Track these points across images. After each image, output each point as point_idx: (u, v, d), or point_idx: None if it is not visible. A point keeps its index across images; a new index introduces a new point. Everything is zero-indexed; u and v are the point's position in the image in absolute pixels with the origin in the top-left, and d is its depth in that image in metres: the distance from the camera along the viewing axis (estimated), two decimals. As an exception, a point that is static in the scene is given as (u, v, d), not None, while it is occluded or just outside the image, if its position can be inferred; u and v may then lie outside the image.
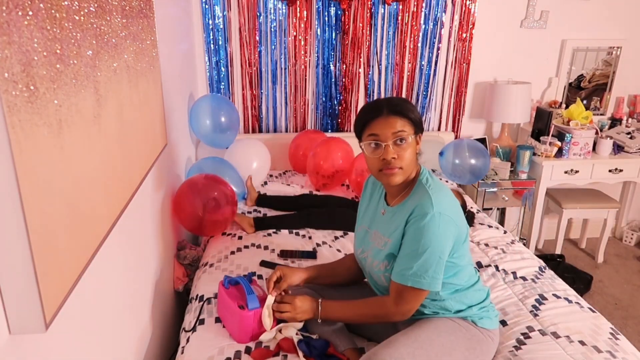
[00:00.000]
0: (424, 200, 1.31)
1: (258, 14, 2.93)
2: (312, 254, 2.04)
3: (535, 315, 1.64)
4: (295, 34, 3.00)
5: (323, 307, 1.44)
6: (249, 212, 2.48)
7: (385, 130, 1.33)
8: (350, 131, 3.25)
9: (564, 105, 3.29)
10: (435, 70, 3.18)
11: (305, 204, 2.47)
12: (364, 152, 1.39)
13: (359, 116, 1.40)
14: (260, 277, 1.85)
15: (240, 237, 2.18)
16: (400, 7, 3.01)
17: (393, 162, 1.33)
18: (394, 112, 1.34)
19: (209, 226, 2.10)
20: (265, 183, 2.84)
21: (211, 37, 2.94)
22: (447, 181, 2.95)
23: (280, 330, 1.49)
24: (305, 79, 3.11)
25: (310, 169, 2.72)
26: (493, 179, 3.01)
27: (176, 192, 2.11)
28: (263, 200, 2.53)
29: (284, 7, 2.94)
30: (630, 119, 3.28)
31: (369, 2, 2.97)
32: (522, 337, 1.52)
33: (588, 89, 3.40)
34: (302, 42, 3.01)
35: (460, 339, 1.35)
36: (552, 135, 3.01)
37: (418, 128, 1.37)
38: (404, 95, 3.21)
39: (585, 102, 3.32)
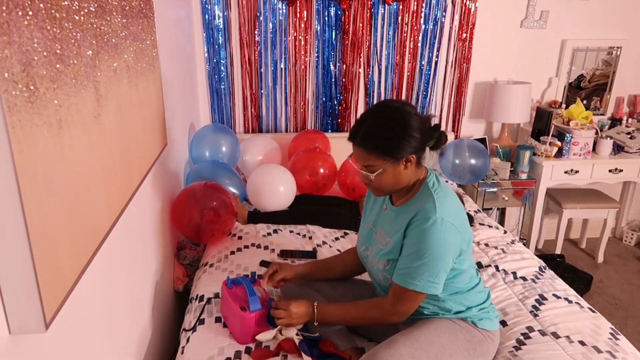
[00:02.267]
0: (428, 204, 1.30)
1: (258, 14, 2.93)
2: (312, 254, 2.04)
3: (535, 315, 1.64)
4: (295, 34, 3.00)
5: (319, 311, 1.44)
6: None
7: (358, 158, 1.35)
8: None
9: (564, 105, 3.29)
10: (435, 70, 3.18)
11: (302, 210, 2.44)
12: None
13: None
14: (260, 277, 1.85)
15: (240, 237, 2.18)
16: (400, 7, 3.01)
17: (368, 185, 1.37)
18: (363, 144, 1.31)
19: (207, 235, 2.07)
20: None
21: (211, 37, 2.94)
22: (447, 181, 2.95)
23: (280, 331, 1.49)
24: (305, 79, 3.11)
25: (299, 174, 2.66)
26: (493, 179, 3.01)
27: (174, 200, 2.08)
28: (255, 217, 2.38)
29: (284, 7, 2.94)
30: (630, 119, 3.28)
31: (369, 2, 2.97)
32: (522, 338, 1.52)
33: (588, 89, 3.40)
34: (302, 42, 3.01)
35: (461, 339, 1.35)
36: (552, 135, 3.01)
37: (396, 155, 1.29)
38: (403, 96, 3.21)
39: (585, 102, 3.32)
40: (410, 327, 1.38)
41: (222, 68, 3.01)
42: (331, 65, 3.09)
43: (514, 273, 1.91)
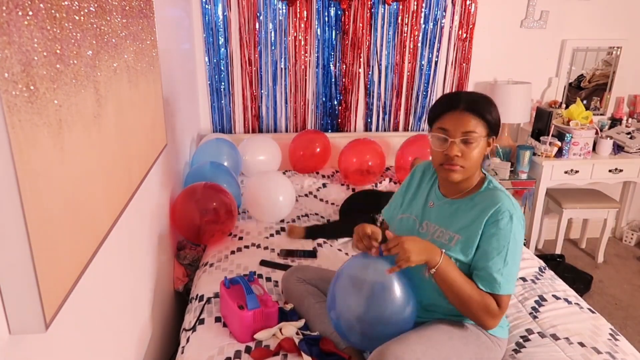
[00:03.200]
0: (505, 201, 1.29)
1: (258, 14, 2.93)
2: (312, 254, 2.04)
3: (535, 317, 1.64)
4: (295, 34, 3.00)
5: (445, 258, 1.27)
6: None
7: (456, 126, 1.30)
8: (350, 131, 3.25)
9: (564, 105, 3.29)
10: (435, 70, 3.18)
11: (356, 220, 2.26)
12: (430, 142, 1.36)
13: (435, 105, 1.37)
14: (260, 276, 1.85)
15: (240, 238, 2.18)
16: (400, 7, 3.01)
17: (456, 160, 1.30)
18: (470, 109, 1.30)
19: (207, 236, 2.07)
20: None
21: (211, 37, 2.94)
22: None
23: (280, 330, 1.49)
24: (305, 79, 3.11)
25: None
26: (493, 179, 3.01)
27: (174, 201, 2.07)
28: (313, 232, 2.21)
29: (284, 7, 2.94)
30: (630, 119, 3.28)
31: (369, 2, 2.97)
32: (521, 340, 1.52)
33: (588, 89, 3.40)
34: (302, 42, 3.01)
35: (471, 344, 1.34)
36: (552, 135, 3.01)
37: (492, 131, 1.33)
38: (403, 96, 3.22)
39: (585, 102, 3.32)
40: (422, 327, 1.36)
41: (222, 68, 3.01)
42: (331, 65, 3.09)
43: (514, 273, 1.91)
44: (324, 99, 3.17)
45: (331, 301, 1.37)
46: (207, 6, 2.88)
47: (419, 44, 3.11)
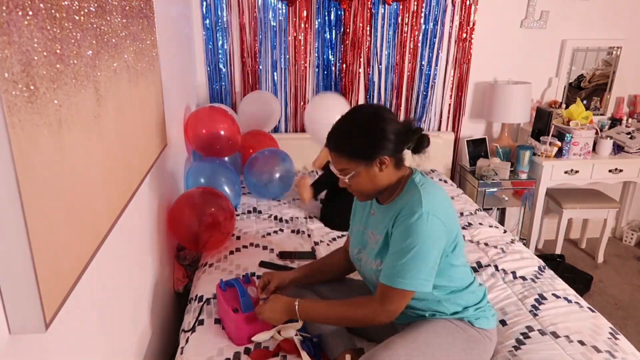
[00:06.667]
0: (414, 199, 1.30)
1: (258, 14, 2.93)
2: (311, 254, 2.04)
3: (535, 315, 1.64)
4: (295, 34, 3.00)
5: (301, 308, 1.39)
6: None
7: (332, 162, 1.36)
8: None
9: (564, 105, 3.29)
10: (435, 70, 3.18)
11: None
12: None
13: None
14: (259, 277, 1.85)
15: (238, 238, 2.18)
16: (401, 7, 3.01)
17: (349, 189, 1.38)
18: (333, 147, 1.33)
19: (203, 244, 2.03)
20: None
21: (211, 37, 2.94)
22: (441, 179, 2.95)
23: (279, 332, 1.49)
24: (305, 79, 3.11)
25: None
26: (493, 179, 3.01)
27: (170, 208, 2.04)
28: (318, 188, 2.45)
29: (284, 7, 2.94)
30: (630, 119, 3.28)
31: (369, 2, 2.97)
32: (521, 337, 1.52)
33: (588, 89, 3.40)
34: (302, 42, 3.01)
35: (458, 339, 1.35)
36: (552, 135, 3.01)
37: (367, 159, 1.30)
38: (403, 96, 3.21)
39: (585, 102, 3.32)
40: (408, 329, 1.37)
41: (222, 68, 3.01)
42: (331, 65, 3.09)
43: (514, 273, 1.91)
44: (324, 99, 3.16)
45: None
46: (207, 6, 2.88)
47: (419, 44, 3.11)
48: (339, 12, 2.99)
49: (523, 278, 1.88)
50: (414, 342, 1.30)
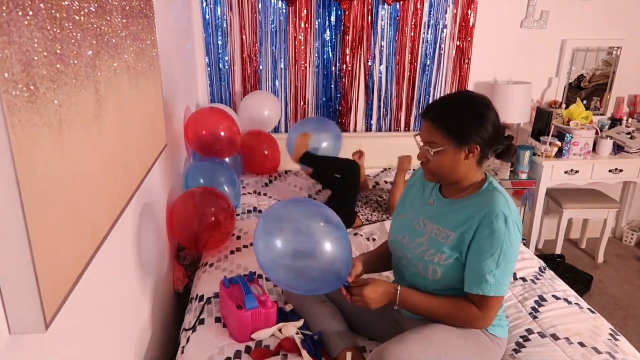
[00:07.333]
0: (499, 203, 1.29)
1: (258, 14, 2.93)
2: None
3: (535, 317, 1.64)
4: (295, 34, 3.00)
5: (402, 294, 1.36)
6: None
7: (423, 135, 1.36)
8: (350, 131, 3.25)
9: (564, 105, 3.29)
10: (435, 71, 3.18)
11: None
12: None
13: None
14: (260, 276, 1.85)
15: (239, 237, 2.18)
16: (400, 7, 3.01)
17: (424, 164, 1.37)
18: (434, 119, 1.32)
19: (203, 243, 2.03)
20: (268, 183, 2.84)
21: (211, 37, 2.94)
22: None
23: (280, 330, 1.49)
24: (305, 79, 3.11)
25: None
26: (493, 179, 3.01)
27: (170, 208, 2.04)
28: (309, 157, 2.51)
29: (284, 7, 2.94)
30: (630, 119, 3.28)
31: (369, 2, 2.97)
32: (521, 340, 1.52)
33: (588, 89, 3.40)
34: (302, 42, 3.01)
35: (470, 343, 1.35)
36: (552, 135, 3.01)
37: (460, 140, 1.29)
38: (404, 96, 3.21)
39: (585, 102, 3.32)
40: (421, 326, 1.36)
41: (222, 68, 3.01)
42: (331, 65, 3.09)
43: (514, 274, 1.91)
44: (324, 99, 3.17)
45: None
46: (207, 6, 2.88)
47: (419, 44, 3.11)
48: (339, 12, 2.99)
49: (523, 279, 1.88)
50: (428, 339, 1.30)
